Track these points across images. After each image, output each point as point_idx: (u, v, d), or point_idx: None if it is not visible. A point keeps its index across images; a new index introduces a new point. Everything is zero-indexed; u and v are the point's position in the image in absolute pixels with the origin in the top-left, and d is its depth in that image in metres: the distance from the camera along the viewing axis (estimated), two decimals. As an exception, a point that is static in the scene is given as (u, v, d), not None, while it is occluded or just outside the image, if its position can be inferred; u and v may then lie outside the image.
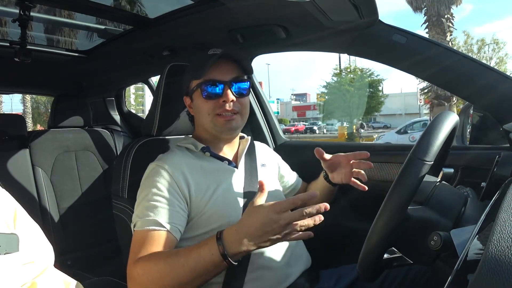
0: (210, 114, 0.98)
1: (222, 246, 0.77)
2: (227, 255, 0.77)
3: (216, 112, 0.98)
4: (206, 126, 1.02)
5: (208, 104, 0.98)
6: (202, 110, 1.00)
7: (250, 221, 0.77)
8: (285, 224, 0.74)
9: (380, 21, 1.14)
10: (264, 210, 0.75)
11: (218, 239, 0.78)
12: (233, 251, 0.77)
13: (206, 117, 0.99)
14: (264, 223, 0.75)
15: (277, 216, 0.74)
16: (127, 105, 2.49)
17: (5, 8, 1.51)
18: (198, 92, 0.99)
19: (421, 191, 0.72)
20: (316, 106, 40.37)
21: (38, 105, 26.98)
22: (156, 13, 1.41)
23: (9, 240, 0.50)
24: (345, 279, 1.07)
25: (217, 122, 0.99)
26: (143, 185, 0.96)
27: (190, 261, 0.79)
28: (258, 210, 0.77)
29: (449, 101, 14.90)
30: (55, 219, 1.77)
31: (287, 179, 1.26)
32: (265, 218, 0.75)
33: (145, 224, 0.88)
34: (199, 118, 1.03)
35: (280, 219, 0.74)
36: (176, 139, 1.19)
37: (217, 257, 0.77)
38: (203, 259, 0.78)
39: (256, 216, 0.76)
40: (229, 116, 0.98)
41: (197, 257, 0.78)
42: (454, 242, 0.60)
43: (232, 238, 0.78)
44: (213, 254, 0.77)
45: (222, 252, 0.77)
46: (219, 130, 1.00)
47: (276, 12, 1.15)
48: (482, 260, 0.36)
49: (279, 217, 0.74)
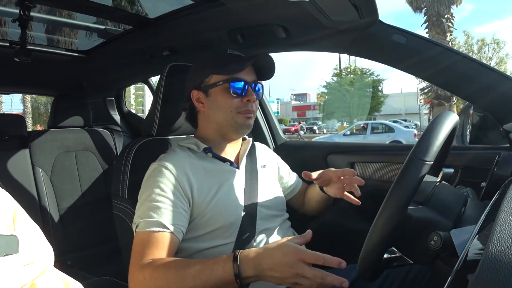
0: (233, 111, 1.00)
1: (238, 266, 0.76)
2: (240, 276, 0.75)
3: (239, 110, 1.00)
4: (224, 123, 1.02)
5: (234, 101, 1.00)
6: (225, 106, 1.00)
7: (270, 253, 0.75)
8: (298, 274, 0.72)
9: (380, 21, 1.14)
10: (287, 250, 0.73)
11: (234, 259, 0.77)
12: (246, 274, 0.76)
13: (228, 114, 1.00)
14: (280, 262, 0.73)
15: (295, 263, 0.72)
16: (127, 105, 2.49)
17: (5, 8, 1.51)
18: (222, 87, 1.00)
19: (421, 191, 0.72)
20: (316, 106, 40.40)
21: (38, 105, 26.99)
22: (156, 13, 1.41)
23: (9, 241, 0.50)
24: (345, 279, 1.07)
25: (238, 119, 1.00)
26: (145, 185, 0.95)
27: (201, 275, 0.77)
28: (282, 247, 0.74)
29: (449, 101, 14.91)
30: (55, 219, 1.77)
31: (287, 180, 1.26)
32: (283, 258, 0.73)
33: (148, 226, 0.87)
34: (216, 114, 1.02)
35: (296, 266, 0.71)
36: (176, 139, 1.19)
37: (229, 276, 0.76)
38: (215, 276, 0.76)
39: (278, 251, 0.74)
40: (249, 115, 1.02)
41: (210, 272, 0.77)
42: (454, 242, 0.60)
43: (249, 261, 0.76)
44: (226, 272, 0.76)
45: (236, 272, 0.75)
46: (238, 127, 1.01)
47: (276, 12, 1.15)
48: (482, 260, 0.36)
49: (296, 264, 0.72)
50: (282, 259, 0.72)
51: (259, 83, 1.06)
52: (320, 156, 1.56)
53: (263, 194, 1.06)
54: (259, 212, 1.02)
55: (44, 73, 2.01)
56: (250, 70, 1.03)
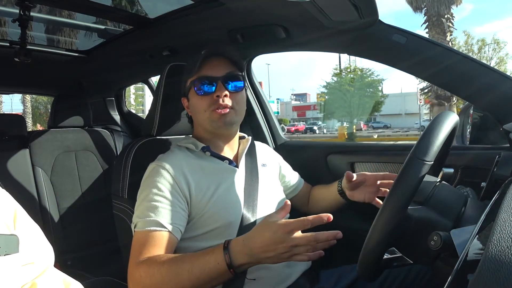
0: (207, 111, 0.99)
1: (229, 256, 0.77)
2: (232, 265, 0.76)
3: (212, 108, 0.98)
4: (204, 124, 1.02)
5: (203, 101, 0.99)
6: (198, 108, 1.00)
7: (259, 236, 0.76)
8: (292, 246, 0.73)
9: (380, 21, 1.14)
10: (274, 227, 0.74)
11: (225, 249, 0.78)
12: (238, 262, 0.77)
13: (203, 114, 1.00)
14: (271, 240, 0.74)
15: (285, 236, 0.73)
16: (127, 105, 2.49)
17: (5, 8, 1.51)
18: (192, 90, 1.00)
19: (421, 191, 0.72)
20: (316, 106, 40.38)
21: (38, 105, 26.99)
22: (156, 13, 1.41)
23: (9, 241, 0.50)
24: (345, 279, 1.07)
25: (213, 117, 0.99)
26: (144, 185, 0.96)
27: (195, 269, 0.78)
28: (269, 226, 0.76)
29: (449, 101, 14.92)
30: (55, 219, 1.77)
31: (289, 179, 1.26)
32: (273, 236, 0.74)
33: (146, 225, 0.87)
34: (196, 117, 1.04)
35: (287, 240, 0.73)
36: (176, 139, 1.19)
37: (222, 267, 0.77)
38: (208, 267, 0.77)
39: (265, 232, 0.75)
40: (224, 110, 0.98)
41: (203, 265, 0.78)
42: (454, 242, 0.60)
43: (239, 249, 0.77)
44: (218, 263, 0.77)
45: (228, 262, 0.76)
46: (215, 125, 1.00)
47: (276, 12, 1.15)
48: (482, 260, 0.36)
49: (287, 238, 0.73)
50: (272, 237, 0.74)
51: (237, 76, 1.01)
52: (320, 156, 1.56)
53: (264, 193, 1.06)
54: (259, 211, 1.02)
55: (44, 73, 2.01)
56: (221, 64, 0.99)
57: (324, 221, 0.74)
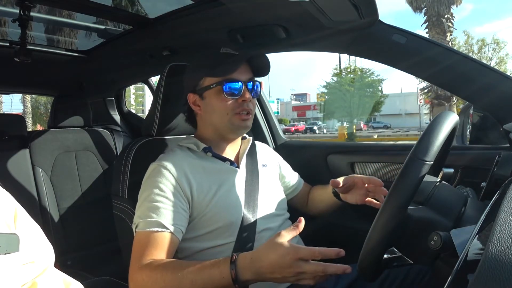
0: (229, 114, 0.98)
1: (235, 271, 0.75)
2: (238, 280, 0.75)
3: (235, 112, 0.98)
4: (220, 125, 1.01)
5: (228, 103, 0.98)
6: (220, 109, 0.99)
7: (268, 256, 0.74)
8: (299, 273, 0.72)
9: (380, 21, 1.14)
10: (283, 251, 0.73)
11: (231, 263, 0.76)
12: (244, 278, 0.75)
13: (224, 116, 0.99)
14: (279, 264, 0.72)
15: (293, 263, 0.71)
16: (127, 105, 2.49)
17: (5, 8, 1.51)
18: (215, 90, 0.98)
19: (421, 191, 0.72)
20: (316, 106, 40.36)
21: (38, 105, 26.98)
22: (156, 13, 1.41)
23: (10, 240, 0.50)
24: (345, 279, 1.07)
25: (235, 121, 0.99)
26: (145, 185, 0.96)
27: (198, 280, 0.77)
28: (279, 247, 0.73)
29: (449, 101, 14.92)
30: (55, 219, 1.77)
31: (289, 179, 1.26)
32: (281, 260, 0.72)
33: (147, 226, 0.87)
34: (212, 117, 1.02)
35: (295, 266, 0.72)
36: (176, 139, 1.19)
37: (227, 281, 0.75)
38: (213, 280, 0.76)
39: (274, 253, 0.73)
40: (245, 115, 1.00)
41: (207, 277, 0.77)
42: (454, 242, 0.60)
43: (245, 265, 0.76)
44: (224, 278, 0.76)
45: (233, 277, 0.75)
46: (234, 129, 1.00)
47: (276, 12, 1.15)
48: (482, 260, 0.36)
49: (295, 264, 0.72)
50: (280, 261, 0.72)
51: (257, 81, 1.04)
52: (320, 156, 1.56)
53: (264, 193, 1.06)
54: (260, 212, 1.02)
55: (44, 73, 2.01)
56: (245, 68, 1.01)
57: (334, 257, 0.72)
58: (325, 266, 0.71)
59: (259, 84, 1.04)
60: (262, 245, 0.77)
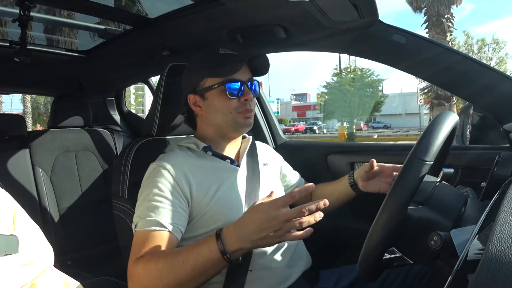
0: (232, 112, 1.00)
1: (221, 242, 0.77)
2: (226, 252, 0.77)
3: (238, 111, 1.00)
4: (224, 124, 1.02)
5: (231, 103, 0.99)
6: (223, 109, 1.00)
7: (249, 218, 0.77)
8: (284, 221, 0.74)
9: (380, 21, 1.14)
10: (263, 206, 0.76)
11: (217, 236, 0.78)
12: (232, 248, 0.77)
13: (227, 115, 1.00)
14: (262, 219, 0.74)
15: (275, 212, 0.74)
16: (127, 105, 2.49)
17: (5, 8, 1.51)
18: (218, 90, 0.99)
19: (421, 191, 0.72)
20: (316, 106, 40.37)
21: (38, 105, 26.98)
22: (156, 13, 1.41)
23: (9, 241, 0.50)
24: (345, 279, 1.07)
25: (239, 119, 1.00)
26: (144, 185, 0.96)
27: (189, 259, 0.78)
28: (258, 207, 0.77)
29: (449, 101, 14.93)
30: (55, 219, 1.77)
31: (289, 178, 1.26)
32: (263, 214, 0.75)
33: (146, 225, 0.87)
34: (215, 117, 1.02)
35: (278, 215, 0.73)
36: (176, 139, 1.19)
37: (216, 254, 0.77)
38: (202, 256, 0.78)
39: (255, 213, 0.76)
40: (249, 114, 1.02)
41: (197, 254, 0.78)
42: (454, 242, 0.60)
43: (231, 234, 0.78)
44: (212, 251, 0.77)
45: (221, 249, 0.77)
46: (239, 127, 1.02)
47: (276, 12, 1.15)
48: (482, 260, 0.36)
49: (277, 213, 0.73)
50: (263, 217, 0.74)
51: (255, 80, 1.05)
52: (320, 156, 1.56)
53: (265, 192, 1.06)
54: None
55: (44, 73, 2.01)
56: (244, 68, 1.02)
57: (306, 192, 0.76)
58: (306, 205, 0.73)
59: (257, 83, 1.06)
60: (244, 213, 0.80)
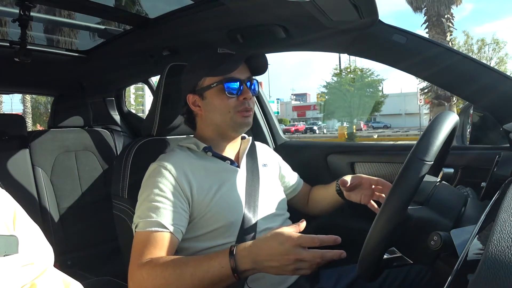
0: (231, 111, 0.99)
1: (234, 260, 0.76)
2: (237, 270, 0.76)
3: (237, 110, 0.99)
4: (223, 123, 1.02)
5: (230, 102, 0.99)
6: (222, 108, 1.00)
7: (266, 243, 0.76)
8: (296, 260, 0.73)
9: (380, 21, 1.14)
10: (282, 238, 0.74)
11: (231, 253, 0.77)
12: (244, 267, 0.76)
13: (226, 114, 1.00)
14: (277, 251, 0.73)
15: (292, 249, 0.73)
16: (127, 105, 2.49)
17: (5, 8, 1.51)
18: (216, 89, 0.99)
19: (421, 191, 0.72)
20: (316, 106, 40.37)
21: (38, 105, 26.98)
22: (156, 13, 1.41)
23: (9, 242, 0.50)
24: (345, 279, 1.08)
25: (237, 119, 1.00)
26: (145, 185, 0.96)
27: (198, 272, 0.78)
28: (277, 235, 0.75)
29: (449, 101, 14.94)
30: (55, 219, 1.77)
31: (288, 180, 1.26)
32: (280, 246, 0.73)
33: (147, 226, 0.87)
34: (214, 116, 1.02)
35: (293, 253, 0.73)
36: (176, 139, 1.19)
37: (227, 271, 0.76)
38: (212, 271, 0.77)
39: (273, 241, 0.75)
40: (247, 113, 1.01)
41: (207, 268, 0.78)
42: (454, 242, 0.60)
43: (244, 255, 0.77)
44: (223, 267, 0.77)
45: (233, 266, 0.76)
46: (237, 126, 1.01)
47: (276, 12, 1.15)
48: (482, 260, 0.36)
49: (293, 251, 0.73)
50: (279, 248, 0.73)
51: (254, 79, 1.05)
52: (320, 156, 1.56)
53: (264, 193, 1.06)
54: (260, 211, 1.02)
55: (44, 73, 2.01)
56: (243, 67, 1.02)
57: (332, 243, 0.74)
58: (323, 252, 0.73)
59: (256, 82, 1.06)
60: (262, 236, 0.79)
